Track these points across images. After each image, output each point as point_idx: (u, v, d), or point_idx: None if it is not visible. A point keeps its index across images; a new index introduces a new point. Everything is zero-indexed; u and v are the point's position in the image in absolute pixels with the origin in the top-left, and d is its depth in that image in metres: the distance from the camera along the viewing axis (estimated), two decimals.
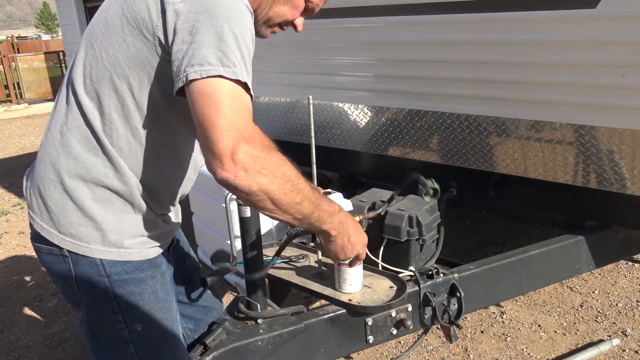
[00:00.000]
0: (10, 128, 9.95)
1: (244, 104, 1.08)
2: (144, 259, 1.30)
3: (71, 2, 4.99)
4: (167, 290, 1.37)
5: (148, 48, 1.13)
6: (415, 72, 2.43)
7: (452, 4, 2.15)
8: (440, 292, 1.86)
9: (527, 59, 2.05)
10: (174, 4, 1.09)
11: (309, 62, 2.82)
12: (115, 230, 1.24)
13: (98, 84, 1.18)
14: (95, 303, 1.30)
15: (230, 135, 1.03)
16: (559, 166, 2.14)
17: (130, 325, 1.30)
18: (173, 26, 1.09)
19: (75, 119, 1.21)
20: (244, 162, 1.04)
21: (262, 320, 1.58)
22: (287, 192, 1.12)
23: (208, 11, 1.07)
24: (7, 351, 2.83)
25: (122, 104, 1.18)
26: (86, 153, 1.20)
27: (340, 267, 1.66)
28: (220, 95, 1.05)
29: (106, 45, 1.17)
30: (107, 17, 1.19)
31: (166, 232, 1.38)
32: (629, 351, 2.48)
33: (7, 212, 5.11)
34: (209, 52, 1.05)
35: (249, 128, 1.07)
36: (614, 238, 2.40)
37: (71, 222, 1.22)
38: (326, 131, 2.92)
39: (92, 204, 1.22)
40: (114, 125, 1.19)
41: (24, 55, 12.87)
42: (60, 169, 1.21)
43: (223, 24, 1.07)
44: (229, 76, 1.05)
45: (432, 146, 2.53)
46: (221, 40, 1.06)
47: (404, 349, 2.61)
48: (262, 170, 1.06)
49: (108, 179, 1.21)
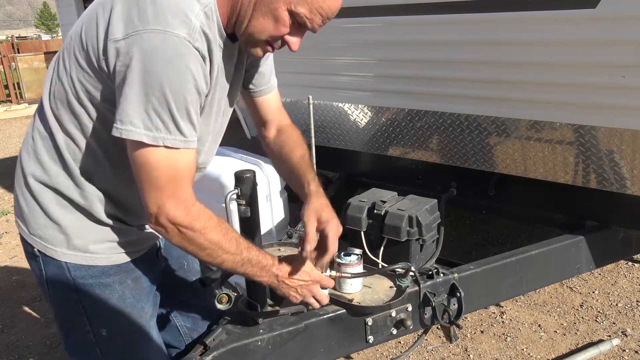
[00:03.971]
0: (10, 128, 9.94)
1: (172, 169, 1.11)
2: (111, 264, 1.29)
3: (71, 2, 4.99)
4: (138, 295, 1.36)
5: (98, 76, 1.12)
6: (415, 72, 2.43)
7: (452, 4, 2.15)
8: (440, 292, 1.86)
9: (527, 59, 2.05)
10: (116, 42, 1.05)
11: (309, 62, 2.81)
12: (80, 235, 1.24)
13: (60, 101, 1.18)
14: (63, 304, 1.31)
15: (154, 202, 1.12)
16: (559, 166, 2.14)
17: (95, 329, 1.31)
18: (114, 64, 1.06)
19: (44, 129, 1.22)
20: (166, 226, 1.14)
21: (262, 320, 1.58)
22: (207, 253, 1.21)
23: (142, 61, 1.03)
24: (7, 351, 2.83)
25: (80, 123, 1.18)
26: (51, 163, 1.22)
27: (340, 267, 1.66)
28: (143, 160, 1.09)
29: (67, 65, 1.16)
30: (72, 34, 1.17)
31: (141, 239, 1.37)
32: (629, 351, 2.48)
33: (7, 212, 5.11)
34: (134, 111, 1.05)
35: (176, 194, 1.13)
36: (614, 238, 2.39)
37: (39, 224, 1.24)
38: (326, 131, 2.92)
39: (57, 208, 1.23)
40: (75, 141, 1.20)
41: (24, 55, 12.84)
42: (29, 173, 1.23)
43: (154, 83, 1.03)
44: (150, 142, 1.07)
45: (432, 146, 2.53)
46: (148, 101, 1.04)
47: (404, 349, 2.61)
48: (183, 234, 1.16)
49: (69, 191, 1.22)
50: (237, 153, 3.07)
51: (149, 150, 1.08)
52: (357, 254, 1.70)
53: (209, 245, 1.20)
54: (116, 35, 1.05)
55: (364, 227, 2.07)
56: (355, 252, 1.71)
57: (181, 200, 1.14)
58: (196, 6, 1.10)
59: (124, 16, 1.06)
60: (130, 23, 1.05)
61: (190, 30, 1.07)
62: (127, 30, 1.05)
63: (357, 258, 1.69)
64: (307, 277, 1.40)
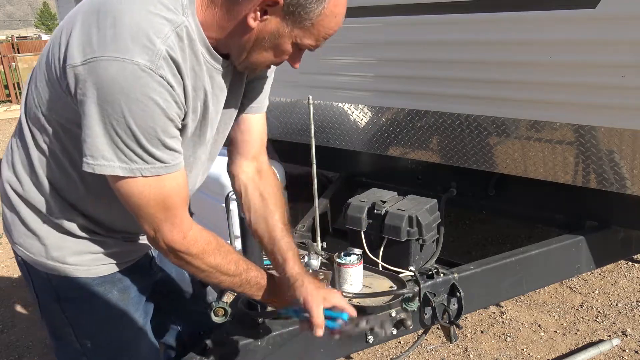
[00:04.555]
0: (11, 128, 9.94)
1: (159, 196, 1.06)
2: (93, 276, 1.24)
3: (71, 2, 4.99)
4: (125, 307, 1.32)
5: (63, 98, 1.04)
6: (415, 72, 2.43)
7: (452, 4, 2.15)
8: (440, 292, 1.86)
9: (527, 59, 2.05)
10: (74, 67, 0.97)
11: (309, 62, 2.81)
12: (58, 246, 1.20)
13: (33, 117, 1.14)
14: (48, 313, 1.30)
15: (150, 227, 1.11)
16: (559, 166, 2.14)
17: (81, 340, 1.29)
18: (74, 91, 0.98)
19: (20, 140, 1.19)
20: (164, 248, 1.14)
21: (262, 320, 1.58)
22: (205, 275, 1.22)
23: (101, 93, 0.95)
24: (7, 351, 2.83)
25: (51, 140, 1.13)
26: (24, 175, 1.18)
27: (340, 267, 1.66)
28: (127, 191, 1.05)
29: (38, 82, 1.11)
30: (44, 50, 1.11)
31: (127, 251, 1.31)
32: (629, 351, 2.48)
33: None
34: (103, 145, 0.98)
35: (169, 219, 1.10)
36: (614, 238, 2.39)
37: (20, 232, 1.22)
38: (326, 131, 2.92)
39: (35, 218, 1.20)
40: (47, 158, 1.15)
41: (24, 55, 12.83)
42: (6, 181, 1.21)
43: (117, 116, 0.96)
44: (126, 174, 1.01)
45: (432, 146, 2.53)
46: (116, 135, 0.97)
47: (404, 349, 2.61)
48: (180, 258, 1.16)
49: (41, 205, 1.18)
50: None
51: (129, 182, 1.03)
52: (357, 254, 1.70)
53: (207, 268, 1.20)
54: (75, 60, 0.97)
55: (364, 227, 2.07)
56: (355, 252, 1.71)
57: (175, 225, 1.11)
58: (165, 27, 0.99)
59: (83, 38, 0.98)
60: (88, 47, 0.96)
61: (152, 57, 0.96)
62: (85, 55, 0.96)
63: (357, 258, 1.69)
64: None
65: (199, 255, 1.16)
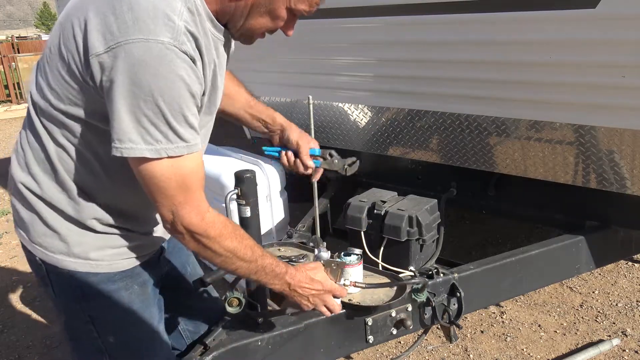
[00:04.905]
0: (11, 128, 9.93)
1: (179, 176, 1.09)
2: (115, 270, 1.27)
3: None
4: (145, 300, 1.34)
5: (86, 90, 1.08)
6: (415, 72, 2.43)
7: (452, 4, 2.15)
8: (440, 292, 1.86)
9: (527, 59, 2.05)
10: (98, 56, 1.01)
11: (309, 62, 2.81)
12: (79, 243, 1.22)
13: (47, 114, 1.15)
14: (69, 311, 1.30)
15: (168, 210, 1.12)
16: (559, 166, 2.14)
17: (103, 336, 1.30)
18: (99, 79, 1.02)
19: (34, 140, 1.19)
20: (182, 231, 1.15)
21: (262, 320, 1.58)
22: (221, 260, 1.22)
23: (129, 75, 0.99)
24: (7, 351, 2.83)
25: (71, 134, 1.14)
26: (42, 175, 1.19)
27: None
28: (149, 173, 1.08)
29: (50, 79, 1.12)
30: (51, 45, 1.13)
31: (146, 244, 1.34)
32: (629, 351, 2.48)
33: (7, 212, 5.11)
34: (130, 127, 1.02)
35: (188, 201, 1.12)
36: (614, 238, 2.40)
37: (38, 232, 1.22)
38: (326, 131, 2.92)
39: (55, 216, 1.20)
40: (67, 152, 1.16)
41: (24, 55, 12.81)
42: (20, 183, 1.21)
43: (145, 96, 1.00)
44: (153, 156, 1.05)
45: (432, 146, 2.53)
46: (143, 115, 1.01)
47: (404, 349, 2.61)
48: (198, 241, 1.17)
49: (62, 205, 1.19)
50: (237, 153, 3.07)
51: (153, 164, 1.06)
52: (357, 254, 1.70)
53: (224, 252, 1.20)
54: (97, 49, 1.01)
55: (364, 227, 2.07)
56: (355, 252, 1.71)
57: (194, 206, 1.13)
58: (177, 3, 1.04)
59: (102, 27, 1.01)
60: (109, 35, 1.00)
61: (174, 34, 1.01)
62: (108, 42, 1.00)
63: (357, 258, 1.69)
64: (319, 286, 1.40)
65: (216, 238, 1.17)
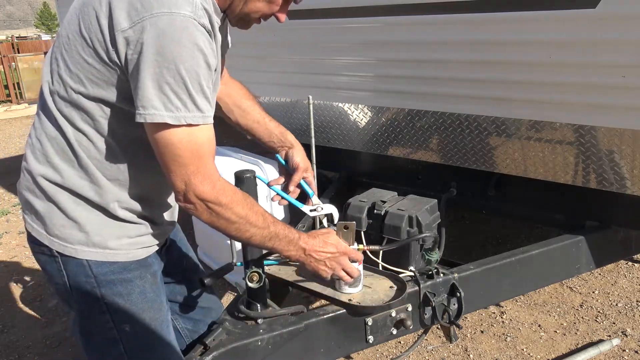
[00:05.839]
0: (11, 128, 9.94)
1: (194, 145, 1.14)
2: (131, 259, 1.31)
3: (71, 2, 4.99)
4: (157, 290, 1.37)
5: (108, 70, 1.14)
6: (415, 72, 2.43)
7: (452, 4, 2.15)
8: (440, 292, 1.86)
9: (527, 59, 2.05)
10: (124, 32, 1.09)
11: (309, 62, 2.81)
12: (99, 232, 1.26)
13: (66, 101, 1.19)
14: (85, 303, 1.31)
15: (181, 180, 1.16)
16: (559, 166, 2.14)
17: (118, 325, 1.32)
18: (125, 54, 1.10)
19: (52, 129, 1.22)
20: (195, 202, 1.18)
21: (262, 320, 1.58)
22: (235, 228, 1.25)
23: (154, 45, 1.07)
24: (7, 351, 2.83)
25: (92, 118, 1.19)
26: (63, 164, 1.22)
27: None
28: (166, 140, 1.12)
29: (69, 64, 1.17)
30: (68, 33, 1.18)
31: (158, 234, 1.38)
32: (629, 351, 2.48)
33: (7, 212, 5.11)
34: (153, 95, 1.08)
35: (200, 169, 1.16)
36: (614, 238, 2.39)
37: (56, 224, 1.24)
38: (326, 131, 2.92)
39: (75, 207, 1.24)
40: (88, 137, 1.21)
41: (24, 55, 12.83)
42: (39, 175, 1.24)
43: (169, 64, 1.07)
44: (173, 122, 1.10)
45: (432, 146, 2.53)
46: (165, 82, 1.08)
47: (404, 349, 2.61)
48: (211, 209, 1.20)
49: (84, 190, 1.23)
50: (237, 153, 3.07)
51: (171, 131, 1.12)
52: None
53: (237, 219, 1.23)
54: (123, 25, 1.08)
55: (364, 227, 2.07)
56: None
57: (206, 175, 1.17)
58: None
59: (125, 6, 1.08)
60: (134, 11, 1.08)
61: (193, 8, 1.10)
62: (133, 18, 1.07)
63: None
64: (334, 249, 1.43)
65: (228, 205, 1.21)
